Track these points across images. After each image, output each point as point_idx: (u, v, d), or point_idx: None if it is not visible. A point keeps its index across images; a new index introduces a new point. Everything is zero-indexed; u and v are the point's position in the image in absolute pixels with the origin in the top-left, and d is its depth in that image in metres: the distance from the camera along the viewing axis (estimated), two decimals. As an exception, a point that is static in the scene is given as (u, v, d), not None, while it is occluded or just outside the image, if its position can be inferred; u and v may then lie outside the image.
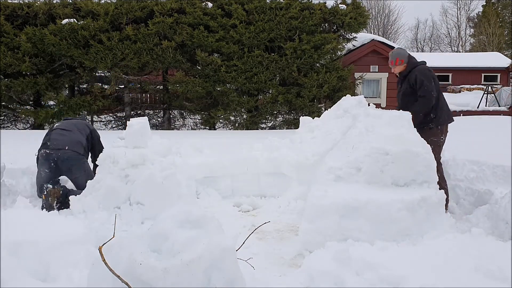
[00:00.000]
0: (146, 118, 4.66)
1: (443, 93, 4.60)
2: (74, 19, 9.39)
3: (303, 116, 5.87)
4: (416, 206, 3.39)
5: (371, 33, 31.93)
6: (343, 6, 10.05)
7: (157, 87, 10.65)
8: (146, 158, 4.27)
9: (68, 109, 9.65)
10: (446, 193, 4.25)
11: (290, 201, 4.71)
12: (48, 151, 4.34)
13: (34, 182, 4.59)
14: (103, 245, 2.29)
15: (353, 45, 11.23)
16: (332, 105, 5.37)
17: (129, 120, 4.54)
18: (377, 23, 39.30)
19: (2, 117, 10.58)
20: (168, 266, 2.14)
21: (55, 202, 4.19)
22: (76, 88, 10.75)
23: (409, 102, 4.48)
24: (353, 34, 10.64)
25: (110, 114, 11.17)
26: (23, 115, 10.30)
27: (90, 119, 10.65)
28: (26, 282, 2.31)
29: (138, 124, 4.43)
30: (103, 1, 9.78)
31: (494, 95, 17.68)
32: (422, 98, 4.36)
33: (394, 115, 4.09)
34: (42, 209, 4.01)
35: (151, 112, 11.18)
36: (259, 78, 9.68)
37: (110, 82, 9.93)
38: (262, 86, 9.94)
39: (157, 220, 2.47)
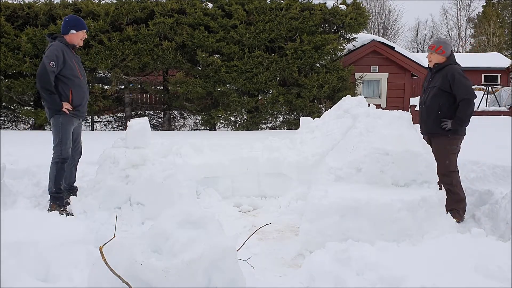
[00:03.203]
0: (146, 118, 4.66)
1: None
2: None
3: (303, 116, 5.87)
4: (416, 206, 3.39)
5: (371, 33, 31.95)
6: (343, 7, 10.05)
7: (158, 87, 10.65)
8: (147, 158, 4.28)
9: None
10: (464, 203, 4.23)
11: (290, 201, 4.70)
12: None
13: (35, 182, 4.62)
14: (103, 245, 2.29)
15: (353, 45, 11.22)
16: (333, 106, 5.37)
17: (129, 121, 4.55)
18: (377, 23, 39.34)
19: (3, 118, 10.59)
20: (168, 266, 2.15)
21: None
22: (76, 88, 10.74)
23: (443, 105, 4.17)
24: (353, 34, 10.65)
25: (111, 115, 11.17)
26: (24, 116, 10.31)
27: (90, 119, 10.65)
28: (26, 282, 2.31)
29: (139, 124, 4.44)
30: (103, 2, 9.79)
31: (494, 96, 17.69)
32: (467, 101, 4.08)
33: (394, 115, 4.08)
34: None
35: (152, 112, 11.19)
36: (260, 78, 9.68)
37: (111, 83, 9.94)
38: (263, 87, 9.94)
39: (158, 220, 2.47)
